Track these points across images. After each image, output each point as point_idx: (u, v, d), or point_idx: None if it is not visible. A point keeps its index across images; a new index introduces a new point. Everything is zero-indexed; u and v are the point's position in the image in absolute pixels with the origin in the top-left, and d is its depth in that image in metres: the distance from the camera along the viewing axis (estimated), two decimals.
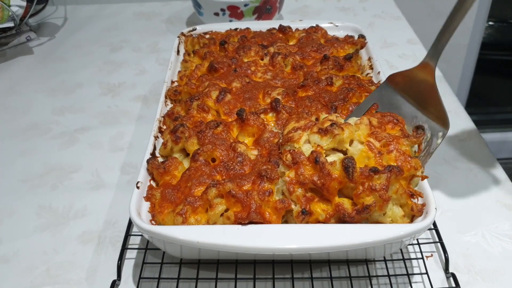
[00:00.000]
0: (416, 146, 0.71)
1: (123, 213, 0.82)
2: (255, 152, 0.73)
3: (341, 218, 0.62)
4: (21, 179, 0.92)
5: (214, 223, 0.64)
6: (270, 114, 0.79)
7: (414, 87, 0.75)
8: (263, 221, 0.62)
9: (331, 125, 0.67)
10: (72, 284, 0.72)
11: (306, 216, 0.63)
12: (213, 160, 0.72)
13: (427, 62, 0.74)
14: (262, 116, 0.78)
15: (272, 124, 0.78)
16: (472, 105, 2.15)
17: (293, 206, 0.64)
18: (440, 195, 0.84)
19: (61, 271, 0.74)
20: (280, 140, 0.72)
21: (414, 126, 0.72)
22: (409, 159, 0.65)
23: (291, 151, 0.66)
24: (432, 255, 0.74)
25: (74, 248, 0.77)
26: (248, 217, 0.62)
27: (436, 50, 0.73)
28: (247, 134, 0.77)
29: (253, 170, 0.69)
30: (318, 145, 0.67)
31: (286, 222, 0.66)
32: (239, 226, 0.61)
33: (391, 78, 0.78)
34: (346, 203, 0.63)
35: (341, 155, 0.67)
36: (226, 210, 0.64)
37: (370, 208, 0.61)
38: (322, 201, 0.64)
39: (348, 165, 0.62)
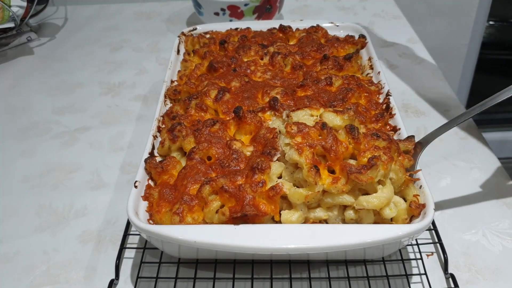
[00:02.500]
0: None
1: (123, 212, 0.82)
2: (251, 149, 0.73)
3: (348, 173, 0.62)
4: (22, 178, 0.92)
5: (211, 220, 0.64)
6: (268, 113, 0.79)
7: None
8: (257, 212, 0.62)
9: (347, 108, 0.72)
10: (72, 284, 0.72)
11: (317, 172, 0.62)
12: (209, 158, 0.73)
13: (420, 142, 0.75)
14: (259, 114, 0.78)
15: (270, 122, 0.78)
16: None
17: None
18: (441, 193, 0.84)
19: (61, 271, 0.74)
20: (286, 113, 0.74)
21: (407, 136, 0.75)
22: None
23: (296, 122, 0.68)
24: (432, 254, 0.74)
25: (74, 247, 0.78)
26: (242, 210, 0.62)
27: (431, 137, 0.75)
28: (244, 132, 0.77)
29: (247, 166, 0.69)
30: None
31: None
32: (237, 225, 0.61)
33: None
34: (351, 161, 0.65)
35: None
36: (222, 207, 0.64)
37: (375, 161, 0.62)
38: (329, 170, 0.65)
39: (352, 127, 0.66)
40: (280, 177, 0.67)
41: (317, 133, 0.66)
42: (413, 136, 0.73)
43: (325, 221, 0.66)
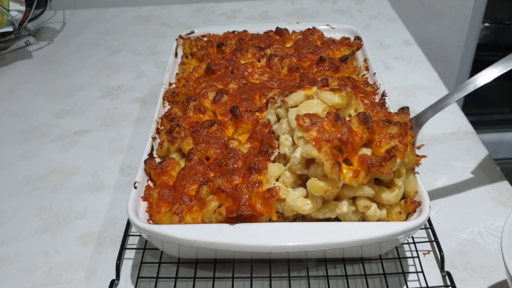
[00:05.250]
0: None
1: (123, 213, 0.83)
2: (248, 146, 0.73)
3: (369, 167, 0.62)
4: (22, 181, 0.93)
5: (209, 220, 0.65)
6: (265, 112, 0.80)
7: None
8: (253, 212, 0.62)
9: (344, 85, 0.72)
10: (73, 284, 0.72)
11: (340, 168, 0.61)
12: (208, 158, 0.74)
13: (415, 118, 0.76)
14: (257, 114, 0.79)
15: (265, 113, 0.78)
16: (469, 106, 2.16)
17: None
18: (437, 193, 0.85)
19: (63, 272, 0.75)
20: (281, 99, 0.73)
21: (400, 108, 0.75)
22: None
23: (308, 114, 0.66)
24: (429, 252, 0.75)
25: (75, 248, 0.78)
26: (238, 210, 0.62)
27: (424, 114, 0.76)
28: (242, 131, 0.78)
29: (245, 164, 0.69)
30: (327, 106, 0.69)
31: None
32: (235, 224, 0.62)
33: None
34: (369, 153, 0.64)
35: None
36: (220, 207, 0.65)
37: (394, 152, 0.62)
38: (346, 163, 0.64)
39: (366, 116, 0.65)
40: (278, 180, 0.67)
41: (331, 124, 0.65)
42: (407, 108, 0.73)
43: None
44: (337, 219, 0.66)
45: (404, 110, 0.73)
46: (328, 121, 0.64)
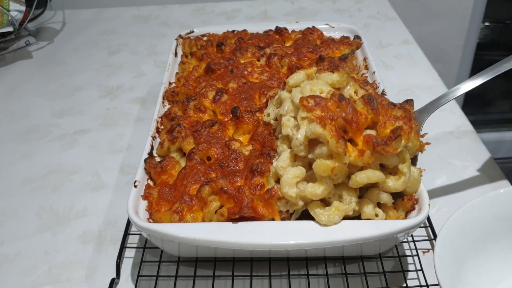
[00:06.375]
0: None
1: (123, 213, 0.83)
2: (250, 148, 0.73)
3: (374, 146, 0.60)
4: (22, 181, 0.93)
5: (210, 220, 0.65)
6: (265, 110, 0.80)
7: None
8: (255, 215, 0.63)
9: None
10: (73, 283, 0.73)
11: (345, 142, 0.60)
12: (209, 158, 0.74)
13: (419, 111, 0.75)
14: (257, 114, 0.79)
15: (265, 110, 0.79)
16: (469, 105, 2.16)
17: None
18: (436, 191, 0.85)
19: (63, 270, 0.75)
20: (282, 85, 0.74)
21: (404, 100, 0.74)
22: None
23: (312, 95, 0.65)
24: (429, 251, 0.75)
25: (75, 247, 0.79)
26: (240, 212, 0.62)
27: (430, 106, 0.76)
28: (243, 131, 0.78)
29: (246, 166, 0.69)
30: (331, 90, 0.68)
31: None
32: (235, 223, 0.62)
33: None
34: (369, 132, 0.63)
35: None
36: (221, 207, 0.65)
37: (399, 131, 0.61)
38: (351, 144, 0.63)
39: (370, 98, 0.64)
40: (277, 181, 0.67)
41: (335, 105, 0.64)
42: (411, 100, 0.72)
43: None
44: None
45: (409, 102, 0.72)
46: (332, 102, 0.64)
